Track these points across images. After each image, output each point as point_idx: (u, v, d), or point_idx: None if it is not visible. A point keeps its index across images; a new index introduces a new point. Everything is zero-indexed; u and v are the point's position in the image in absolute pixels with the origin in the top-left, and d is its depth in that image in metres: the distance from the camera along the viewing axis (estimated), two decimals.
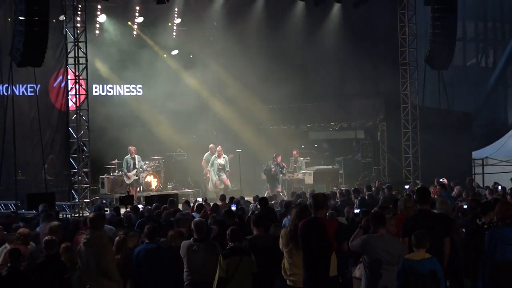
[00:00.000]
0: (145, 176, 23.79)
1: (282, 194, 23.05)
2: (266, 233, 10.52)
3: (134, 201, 20.52)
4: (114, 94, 26.41)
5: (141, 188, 23.61)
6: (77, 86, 21.07)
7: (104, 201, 21.49)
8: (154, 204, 16.82)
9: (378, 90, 26.67)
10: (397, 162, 25.48)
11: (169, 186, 24.81)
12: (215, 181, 24.20)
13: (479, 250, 9.74)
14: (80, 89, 21.12)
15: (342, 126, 27.39)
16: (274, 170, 23.87)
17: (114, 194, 22.79)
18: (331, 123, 27.59)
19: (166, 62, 26.88)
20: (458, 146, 25.49)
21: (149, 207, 16.41)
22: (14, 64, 19.04)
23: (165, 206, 15.84)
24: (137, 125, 25.32)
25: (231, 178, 24.72)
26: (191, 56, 27.46)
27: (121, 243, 10.49)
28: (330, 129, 27.65)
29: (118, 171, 23.49)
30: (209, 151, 24.49)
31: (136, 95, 26.77)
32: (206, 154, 24.57)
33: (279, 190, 23.42)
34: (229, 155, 24.61)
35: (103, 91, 26.19)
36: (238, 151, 24.60)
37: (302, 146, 26.65)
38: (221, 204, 16.67)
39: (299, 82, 25.82)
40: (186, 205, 16.52)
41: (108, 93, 26.32)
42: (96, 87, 25.59)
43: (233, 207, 15.34)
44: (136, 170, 23.29)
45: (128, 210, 16.53)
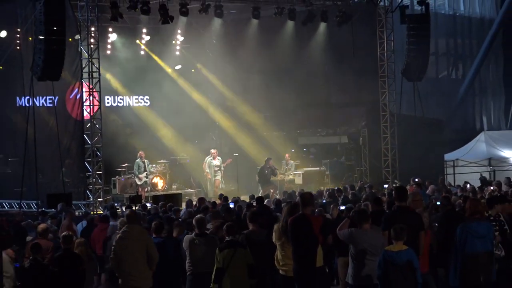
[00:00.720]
0: (152, 177, 23.76)
1: (275, 194, 23.00)
2: (261, 228, 10.52)
3: (143, 200, 20.48)
4: (124, 105, 26.43)
5: (148, 188, 23.57)
6: (91, 98, 21.12)
7: (116, 204, 21.46)
8: (160, 202, 16.83)
9: (360, 99, 26.64)
10: (377, 164, 25.49)
11: (173, 187, 24.75)
12: (214, 181, 24.17)
13: (452, 242, 9.74)
14: (93, 100, 21.16)
15: (328, 132, 27.59)
16: (266, 172, 23.87)
17: (124, 194, 22.72)
18: (318, 129, 27.74)
19: (171, 76, 26.90)
20: (432, 149, 25.67)
21: (155, 206, 16.42)
22: (35, 78, 19.08)
23: (170, 204, 15.87)
24: (144, 132, 25.36)
25: (229, 179, 24.70)
26: (193, 70, 27.55)
27: None
28: (318, 134, 27.69)
29: (128, 174, 23.45)
30: (210, 155, 24.47)
31: (144, 105, 26.75)
32: (206, 158, 24.54)
33: (271, 190, 23.37)
34: (227, 160, 24.60)
35: (115, 102, 26.24)
36: (235, 155, 24.65)
37: (292, 150, 26.60)
38: (219, 202, 16.63)
39: (290, 93, 25.82)
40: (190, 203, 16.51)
41: (119, 103, 26.36)
42: (108, 99, 25.60)
43: (231, 205, 15.32)
44: (146, 172, 23.27)
45: (138, 208, 16.52)
